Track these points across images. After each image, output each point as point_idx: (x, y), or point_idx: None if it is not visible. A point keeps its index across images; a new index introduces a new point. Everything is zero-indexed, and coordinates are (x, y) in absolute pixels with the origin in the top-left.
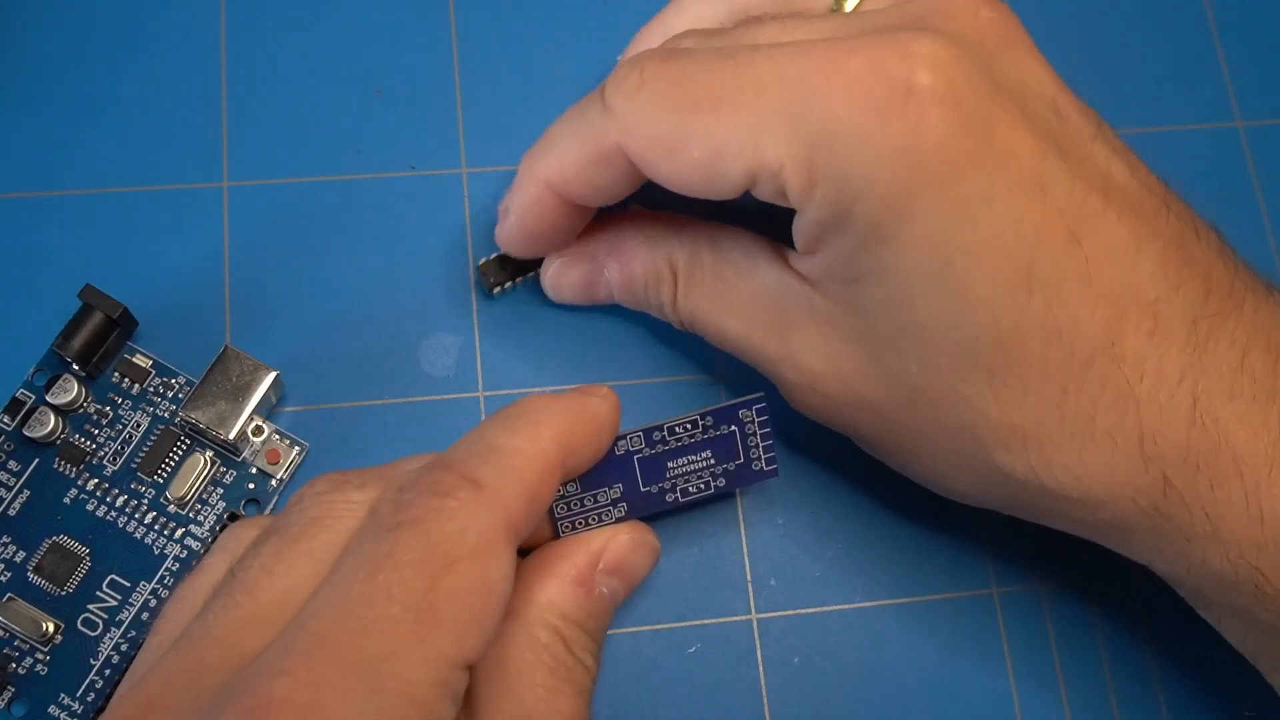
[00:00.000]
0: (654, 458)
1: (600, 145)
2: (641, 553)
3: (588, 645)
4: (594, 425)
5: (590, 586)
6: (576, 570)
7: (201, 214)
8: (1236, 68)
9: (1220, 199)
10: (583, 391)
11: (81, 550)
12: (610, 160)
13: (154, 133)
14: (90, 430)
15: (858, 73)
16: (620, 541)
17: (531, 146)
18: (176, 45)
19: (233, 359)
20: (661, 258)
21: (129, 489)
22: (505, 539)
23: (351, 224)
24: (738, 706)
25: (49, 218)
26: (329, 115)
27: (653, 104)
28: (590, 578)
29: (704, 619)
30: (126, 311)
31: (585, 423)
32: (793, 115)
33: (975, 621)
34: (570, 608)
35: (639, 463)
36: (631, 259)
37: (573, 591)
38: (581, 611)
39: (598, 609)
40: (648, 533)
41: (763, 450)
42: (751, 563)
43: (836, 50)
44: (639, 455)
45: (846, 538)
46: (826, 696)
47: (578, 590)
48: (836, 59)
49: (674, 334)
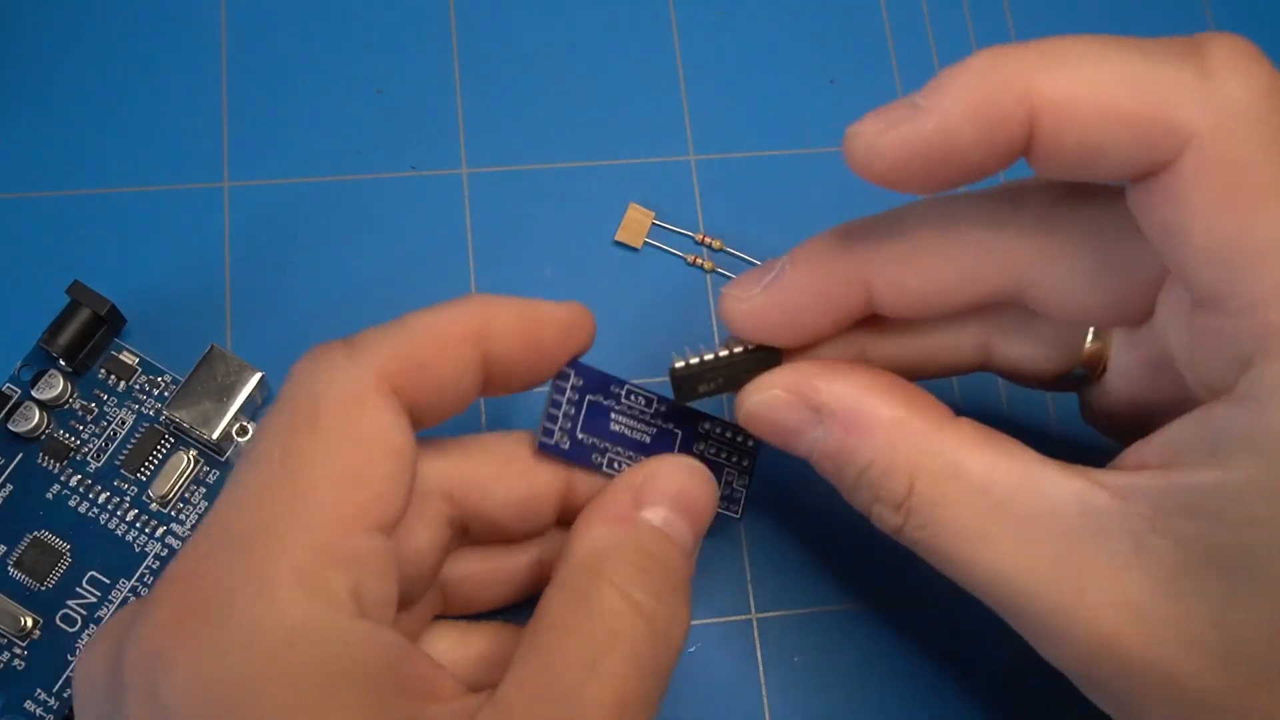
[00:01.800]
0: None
1: (1166, 111)
2: (690, 477)
3: (640, 590)
4: (533, 321)
5: (631, 520)
6: (613, 506)
7: (201, 214)
8: None
9: None
10: (542, 301)
11: (62, 546)
12: (1156, 141)
13: (154, 133)
14: (75, 426)
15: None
16: (661, 469)
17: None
18: (177, 46)
19: (218, 359)
20: (903, 454)
21: (112, 486)
22: (376, 394)
23: (351, 224)
24: (738, 706)
25: (47, 217)
26: (329, 115)
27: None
28: (630, 513)
29: (704, 619)
30: (114, 308)
31: (518, 313)
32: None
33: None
34: (606, 548)
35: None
36: (866, 437)
37: (608, 531)
38: (623, 550)
39: (648, 543)
40: (694, 462)
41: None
42: (751, 563)
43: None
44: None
45: (847, 538)
46: (826, 696)
47: (616, 527)
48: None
49: (678, 334)
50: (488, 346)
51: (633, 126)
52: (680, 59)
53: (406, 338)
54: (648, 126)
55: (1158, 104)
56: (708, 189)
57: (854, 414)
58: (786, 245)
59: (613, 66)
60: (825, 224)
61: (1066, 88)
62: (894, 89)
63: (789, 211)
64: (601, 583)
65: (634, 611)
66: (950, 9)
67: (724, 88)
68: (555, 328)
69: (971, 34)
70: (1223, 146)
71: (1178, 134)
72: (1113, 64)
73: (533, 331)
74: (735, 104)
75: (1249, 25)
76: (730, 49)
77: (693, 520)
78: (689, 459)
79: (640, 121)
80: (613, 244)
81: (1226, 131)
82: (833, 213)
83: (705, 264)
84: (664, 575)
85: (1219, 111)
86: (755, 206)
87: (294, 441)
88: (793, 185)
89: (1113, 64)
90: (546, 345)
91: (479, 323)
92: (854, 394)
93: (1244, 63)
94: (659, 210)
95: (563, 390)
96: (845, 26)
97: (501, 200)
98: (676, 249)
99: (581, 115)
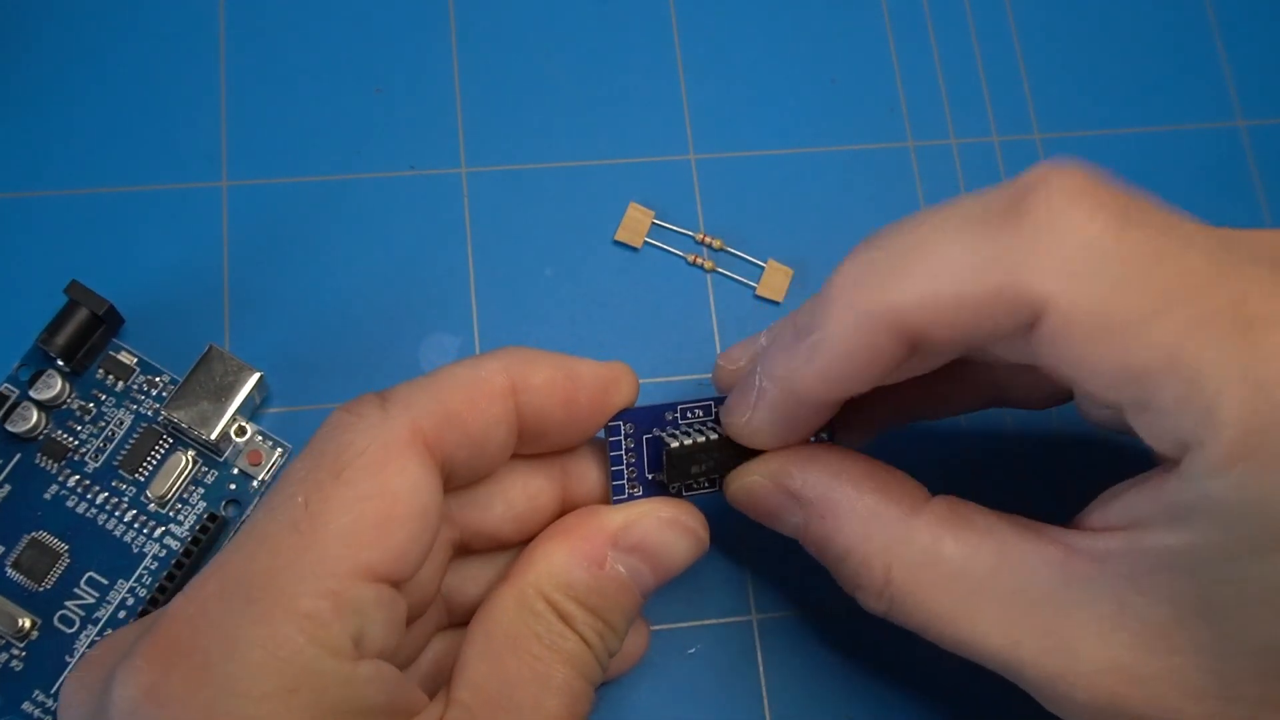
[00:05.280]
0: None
1: (1015, 286)
2: (674, 534)
3: (593, 624)
4: (569, 377)
5: (601, 563)
6: (587, 544)
7: (199, 213)
8: (1237, 67)
9: (1220, 199)
10: (581, 359)
11: (61, 547)
12: (1015, 313)
13: (152, 132)
14: (73, 426)
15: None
16: (647, 518)
17: (864, 250)
18: (175, 45)
19: (216, 359)
20: (877, 544)
21: (110, 486)
22: (408, 448)
23: (351, 224)
24: (738, 706)
25: (45, 216)
26: (329, 115)
27: (1127, 266)
28: (602, 553)
29: (704, 619)
30: (112, 308)
31: (554, 369)
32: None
33: None
34: (572, 580)
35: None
36: (841, 526)
37: (578, 564)
38: (585, 588)
39: (610, 588)
40: (689, 515)
41: None
42: (751, 563)
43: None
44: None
45: None
46: (826, 696)
47: (585, 564)
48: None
49: (678, 334)
50: (522, 401)
51: (633, 126)
52: (680, 59)
53: (439, 391)
54: (648, 126)
55: (1003, 284)
56: (708, 189)
57: (827, 501)
58: (786, 245)
59: (613, 66)
60: (825, 224)
61: (919, 297)
62: (894, 89)
63: (789, 211)
64: (557, 613)
65: (581, 643)
66: (951, 9)
67: (724, 88)
68: (593, 385)
69: (972, 34)
70: (1073, 301)
71: (1031, 300)
72: (954, 255)
73: (568, 388)
74: (735, 104)
75: (1250, 24)
76: (730, 49)
77: (662, 575)
78: (679, 509)
79: (640, 121)
80: (613, 244)
81: (1072, 290)
82: (833, 212)
83: (705, 264)
84: (616, 618)
85: (1057, 274)
86: (755, 206)
87: (317, 490)
88: (793, 185)
89: (954, 255)
90: (583, 403)
91: (513, 377)
92: (826, 481)
93: (1066, 214)
94: (659, 210)
95: (618, 445)
96: (845, 26)
97: (501, 200)
98: (676, 249)
99: (581, 115)
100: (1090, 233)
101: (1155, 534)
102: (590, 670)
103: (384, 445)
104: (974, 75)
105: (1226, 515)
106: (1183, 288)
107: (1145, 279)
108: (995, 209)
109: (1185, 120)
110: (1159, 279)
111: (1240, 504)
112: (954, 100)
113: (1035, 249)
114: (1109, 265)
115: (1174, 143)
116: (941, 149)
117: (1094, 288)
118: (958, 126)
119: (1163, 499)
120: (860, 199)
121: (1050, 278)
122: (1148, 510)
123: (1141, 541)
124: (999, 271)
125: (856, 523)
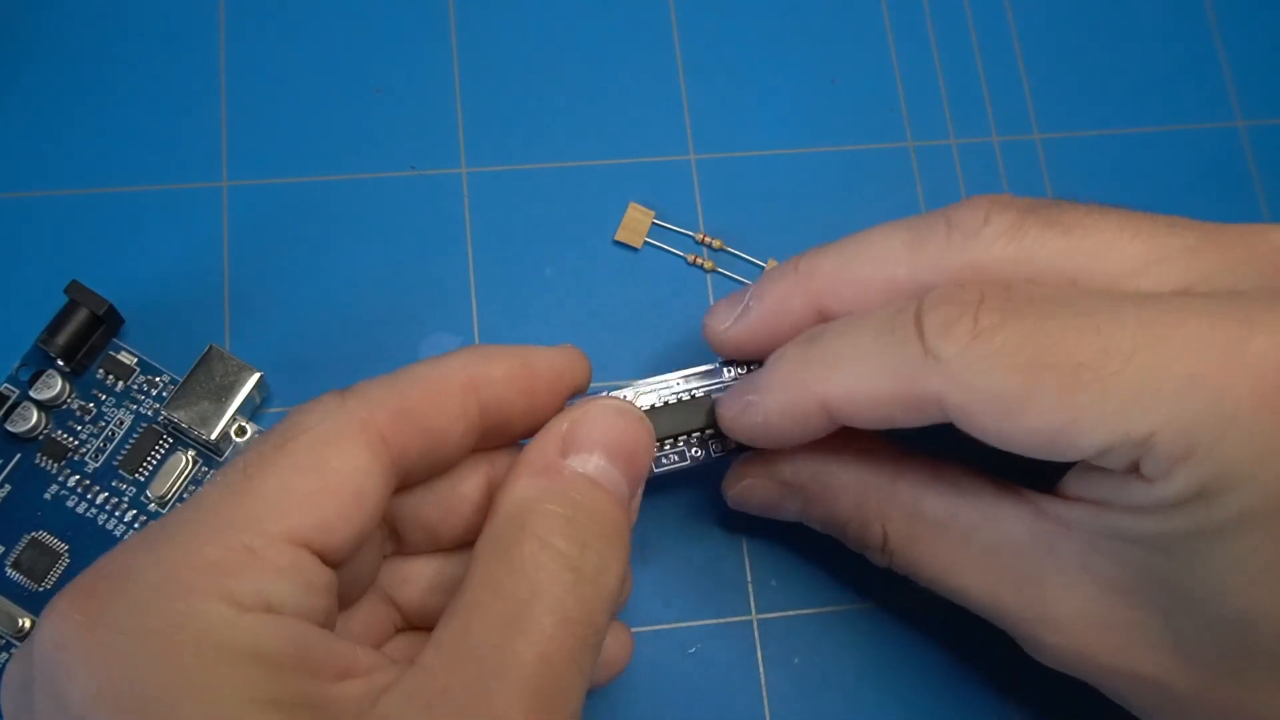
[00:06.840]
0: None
1: (913, 389)
2: (626, 419)
3: (573, 535)
4: (525, 366)
5: (557, 469)
6: (540, 457)
7: (199, 213)
8: (1237, 67)
9: (1220, 199)
10: (535, 348)
11: (61, 547)
12: (920, 407)
13: (152, 132)
14: (73, 426)
15: (1264, 354)
16: (591, 409)
17: (805, 346)
18: (175, 45)
19: (216, 359)
20: (872, 509)
21: (110, 486)
22: (358, 434)
23: (351, 224)
24: (738, 706)
25: (45, 217)
26: (329, 115)
27: (993, 360)
28: (557, 462)
29: (704, 619)
30: (112, 308)
31: (512, 361)
32: (1175, 392)
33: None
34: (534, 497)
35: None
36: (835, 500)
37: (535, 481)
38: (552, 498)
39: (577, 492)
40: (626, 404)
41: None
42: (751, 563)
43: (1229, 322)
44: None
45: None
46: (826, 696)
47: (541, 479)
48: (1232, 333)
49: (679, 334)
50: (482, 395)
51: (633, 126)
52: (680, 59)
53: (398, 385)
54: (648, 126)
55: (906, 386)
56: (708, 189)
57: (818, 483)
58: (786, 245)
59: (613, 66)
60: (825, 223)
61: (842, 390)
62: (894, 89)
63: (789, 211)
64: (523, 536)
65: (558, 563)
66: (951, 9)
67: (724, 88)
68: (549, 372)
69: (972, 33)
70: (963, 397)
71: (931, 399)
72: (870, 360)
73: (526, 377)
74: (735, 104)
75: (1250, 24)
76: (730, 49)
77: (628, 465)
78: (619, 401)
79: (640, 121)
80: (613, 244)
81: (959, 392)
82: (833, 212)
83: (705, 264)
84: (593, 524)
85: (948, 378)
86: (755, 206)
87: (258, 459)
88: (793, 185)
89: (870, 360)
90: (541, 390)
91: (471, 372)
92: (813, 465)
93: (952, 329)
94: (659, 210)
95: None
96: (845, 26)
97: (501, 200)
98: (676, 249)
99: (581, 115)
100: (977, 344)
101: (1114, 515)
102: (568, 601)
103: (333, 427)
104: (974, 75)
105: (1175, 510)
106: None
107: (1016, 367)
108: (907, 324)
109: (1185, 120)
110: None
111: (1183, 499)
112: (954, 100)
113: (926, 359)
114: (993, 370)
115: (1174, 143)
116: (941, 149)
117: (980, 386)
118: (958, 127)
119: (1121, 487)
120: (860, 199)
121: (942, 383)
122: (1108, 494)
123: (1102, 518)
124: (903, 381)
125: (848, 495)
